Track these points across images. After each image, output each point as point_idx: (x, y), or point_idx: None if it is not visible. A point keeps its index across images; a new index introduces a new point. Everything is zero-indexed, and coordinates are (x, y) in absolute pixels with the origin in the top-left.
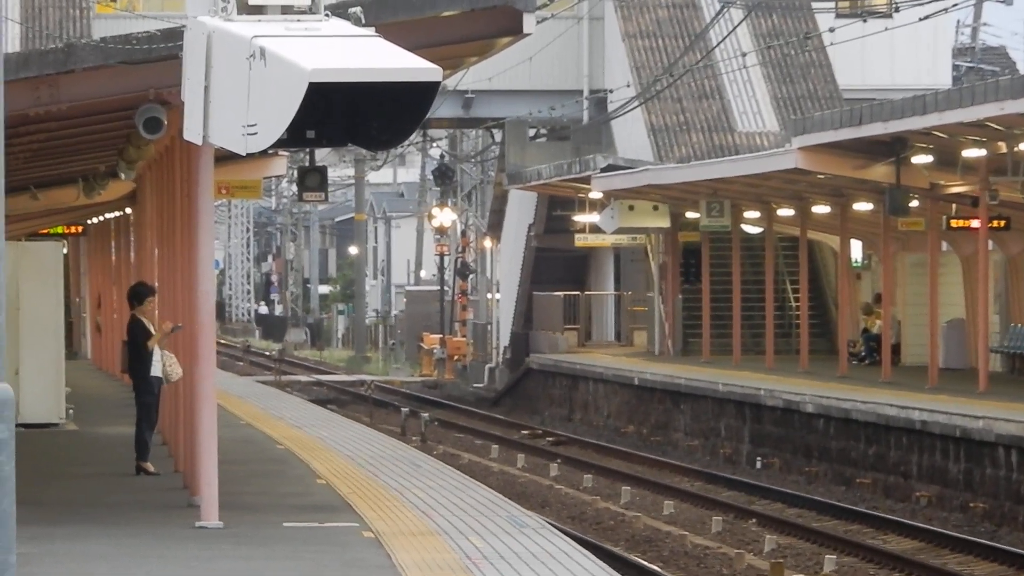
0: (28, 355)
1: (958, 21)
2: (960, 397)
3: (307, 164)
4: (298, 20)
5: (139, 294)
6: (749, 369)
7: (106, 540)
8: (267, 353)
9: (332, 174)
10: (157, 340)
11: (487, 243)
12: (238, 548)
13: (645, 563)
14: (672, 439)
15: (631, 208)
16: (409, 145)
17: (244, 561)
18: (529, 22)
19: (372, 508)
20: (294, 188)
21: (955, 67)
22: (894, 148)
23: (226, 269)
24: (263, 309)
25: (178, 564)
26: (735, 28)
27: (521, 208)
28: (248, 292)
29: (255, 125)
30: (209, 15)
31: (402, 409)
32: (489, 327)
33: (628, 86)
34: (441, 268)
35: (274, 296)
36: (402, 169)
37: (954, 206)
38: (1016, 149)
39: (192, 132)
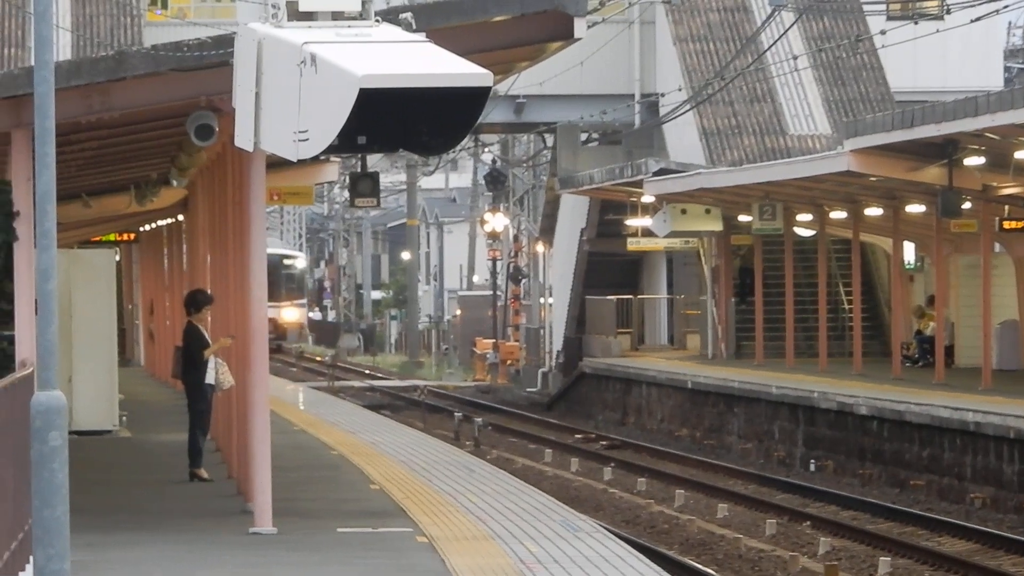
0: (81, 362)
1: (1010, 23)
2: (1014, 398)
3: (359, 170)
4: (348, 26)
5: (197, 301)
6: (802, 372)
7: (160, 547)
8: (320, 359)
9: (384, 180)
10: (213, 351)
11: (539, 248)
12: (292, 554)
13: (699, 566)
14: (726, 442)
15: (683, 212)
16: (461, 150)
17: (298, 567)
18: (580, 27)
19: (426, 513)
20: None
21: (1007, 69)
22: (946, 150)
23: None
24: (316, 315)
25: (232, 570)
26: (786, 31)
27: (573, 212)
28: None
29: (306, 131)
30: (260, 22)
31: (455, 414)
32: (542, 331)
33: (680, 90)
34: (493, 273)
35: (327, 302)
36: (454, 174)
37: (1007, 208)
38: None
39: (243, 139)
